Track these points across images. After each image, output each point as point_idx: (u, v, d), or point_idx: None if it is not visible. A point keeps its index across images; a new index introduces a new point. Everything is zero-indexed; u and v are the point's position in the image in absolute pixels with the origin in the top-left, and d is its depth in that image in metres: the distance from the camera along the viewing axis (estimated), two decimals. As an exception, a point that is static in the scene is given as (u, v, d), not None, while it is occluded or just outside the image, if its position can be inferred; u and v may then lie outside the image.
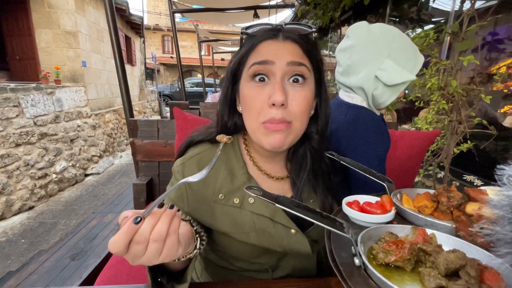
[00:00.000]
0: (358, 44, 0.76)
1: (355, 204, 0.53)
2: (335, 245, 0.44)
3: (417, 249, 0.40)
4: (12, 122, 3.43)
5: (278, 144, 0.53)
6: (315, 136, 0.62)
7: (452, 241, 0.43)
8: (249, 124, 0.57)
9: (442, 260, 0.36)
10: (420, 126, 1.52)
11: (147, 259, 0.36)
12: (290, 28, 0.56)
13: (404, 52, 0.74)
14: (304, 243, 0.60)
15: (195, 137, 0.64)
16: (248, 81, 0.55)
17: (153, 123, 1.47)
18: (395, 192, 0.60)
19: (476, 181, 1.35)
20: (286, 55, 0.52)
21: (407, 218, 0.53)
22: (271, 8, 4.55)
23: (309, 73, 0.55)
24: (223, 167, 0.61)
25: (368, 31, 0.76)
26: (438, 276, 0.36)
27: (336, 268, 0.40)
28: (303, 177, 0.63)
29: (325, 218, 0.43)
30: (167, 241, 0.37)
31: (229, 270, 0.66)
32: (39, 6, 5.03)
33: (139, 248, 0.35)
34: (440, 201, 0.52)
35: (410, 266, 0.39)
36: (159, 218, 0.37)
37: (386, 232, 0.45)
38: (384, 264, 0.40)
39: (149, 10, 19.70)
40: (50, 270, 1.89)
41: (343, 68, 0.81)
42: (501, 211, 0.36)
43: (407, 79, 0.72)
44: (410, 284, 0.38)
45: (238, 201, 0.59)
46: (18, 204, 3.37)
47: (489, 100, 1.28)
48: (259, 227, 0.59)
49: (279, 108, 0.51)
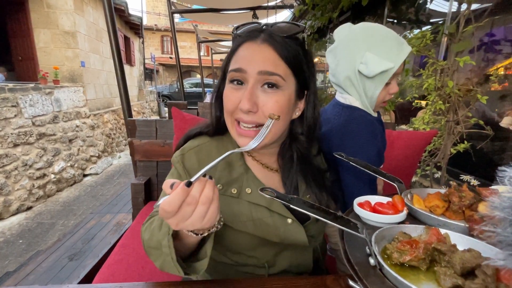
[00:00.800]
0: (341, 43, 0.79)
1: (367, 205, 0.53)
2: (348, 245, 0.45)
3: (432, 248, 0.41)
4: (10, 122, 3.42)
5: (248, 147, 0.55)
6: (301, 137, 0.64)
7: (466, 240, 0.43)
8: (225, 119, 0.61)
9: (458, 259, 0.37)
10: (417, 126, 1.53)
11: (192, 221, 0.40)
12: (274, 29, 0.57)
13: (385, 43, 0.74)
14: (300, 233, 0.61)
15: (193, 130, 0.67)
16: (228, 82, 0.58)
17: (152, 123, 1.47)
18: (405, 192, 0.60)
19: (472, 181, 1.36)
20: (258, 63, 0.54)
21: (419, 218, 0.53)
22: (270, 9, 4.56)
23: (284, 81, 0.55)
24: None
25: (349, 30, 0.79)
26: (454, 275, 0.36)
27: (351, 268, 0.40)
28: (292, 178, 0.64)
29: (339, 219, 0.44)
30: (211, 206, 0.40)
31: (227, 265, 0.67)
32: (38, 6, 5.03)
33: (189, 210, 0.39)
34: (451, 200, 0.52)
35: (425, 265, 0.40)
36: (205, 185, 0.40)
37: (399, 232, 0.45)
38: (399, 264, 0.40)
39: (148, 10, 19.69)
40: (48, 270, 1.88)
41: (332, 69, 0.83)
42: (502, 213, 0.36)
43: (386, 67, 0.72)
44: (426, 283, 0.38)
45: (236, 191, 0.60)
46: (16, 205, 3.36)
47: (485, 100, 1.29)
48: (256, 216, 0.60)
49: (247, 113, 0.54)
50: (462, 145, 1.40)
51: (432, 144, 1.51)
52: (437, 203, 0.53)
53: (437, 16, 2.30)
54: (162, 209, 0.38)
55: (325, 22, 3.30)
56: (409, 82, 1.56)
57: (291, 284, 0.54)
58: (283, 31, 0.57)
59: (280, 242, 0.61)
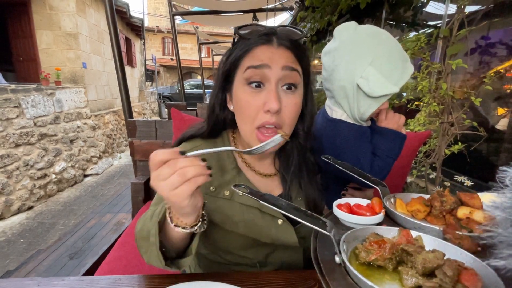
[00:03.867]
0: (342, 47, 0.71)
1: (346, 206, 0.55)
2: (320, 244, 0.46)
3: (400, 249, 0.41)
4: (12, 122, 3.46)
5: (267, 152, 0.58)
6: (301, 133, 0.66)
7: (438, 243, 0.44)
8: (242, 127, 0.60)
9: (420, 260, 0.37)
10: (412, 127, 1.55)
11: (163, 185, 0.40)
12: (283, 32, 0.59)
13: (390, 60, 0.67)
14: (290, 234, 0.63)
15: (187, 133, 0.68)
16: (243, 84, 0.57)
17: (151, 124, 1.50)
18: (388, 196, 0.60)
19: (466, 181, 1.38)
20: (281, 60, 0.55)
21: (397, 221, 0.54)
22: (269, 11, 4.60)
23: (300, 79, 0.59)
24: (213, 162, 0.64)
25: (353, 33, 0.71)
26: (416, 275, 0.36)
27: (317, 265, 0.41)
28: (291, 171, 0.66)
29: (309, 216, 0.45)
30: (184, 184, 0.40)
31: (221, 264, 0.69)
32: (40, 8, 5.08)
33: (166, 171, 0.40)
34: (433, 205, 0.52)
35: (391, 265, 0.40)
36: (191, 164, 0.41)
37: (371, 233, 0.46)
38: (367, 263, 0.41)
39: (150, 12, 19.80)
40: (49, 269, 1.91)
41: (327, 73, 0.76)
42: (503, 213, 0.35)
43: (390, 91, 0.66)
44: (390, 282, 0.38)
45: (228, 193, 0.62)
46: (17, 204, 3.38)
47: (479, 102, 1.31)
48: (248, 217, 0.62)
49: (273, 114, 0.54)
50: (456, 146, 1.43)
51: (427, 145, 1.54)
52: (418, 208, 0.53)
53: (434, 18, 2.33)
54: (153, 155, 0.41)
55: (324, 25, 3.33)
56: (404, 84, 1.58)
57: (282, 277, 0.56)
58: (291, 36, 0.59)
59: (271, 242, 0.63)
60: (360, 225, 0.51)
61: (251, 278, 0.56)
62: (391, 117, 0.78)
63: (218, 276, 0.56)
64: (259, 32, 0.58)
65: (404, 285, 0.36)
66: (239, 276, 0.56)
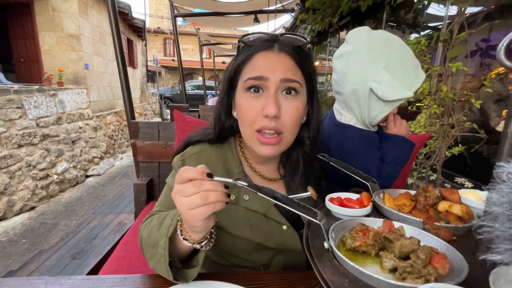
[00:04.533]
0: (356, 51, 0.72)
1: (337, 200, 0.59)
2: (312, 232, 0.50)
3: (383, 237, 0.46)
4: (15, 123, 3.48)
5: (270, 154, 0.59)
6: (307, 142, 0.66)
7: (418, 233, 0.48)
8: (243, 131, 0.61)
9: (398, 245, 0.42)
10: (413, 129, 1.56)
11: (182, 202, 0.42)
12: (286, 39, 0.59)
13: (404, 66, 0.69)
14: (295, 239, 0.64)
15: (194, 137, 0.69)
16: (244, 91, 0.58)
17: (154, 125, 1.51)
18: (378, 191, 0.64)
19: (466, 183, 1.39)
20: (280, 71, 0.55)
21: (384, 214, 0.59)
22: (270, 13, 4.62)
23: (301, 87, 0.59)
24: (220, 166, 0.65)
25: (368, 38, 0.72)
26: (394, 258, 0.41)
27: (307, 250, 0.46)
28: (297, 181, 0.66)
29: (302, 207, 0.48)
30: (202, 207, 0.42)
31: (225, 266, 0.69)
32: (43, 9, 5.12)
33: (189, 189, 0.42)
34: (418, 200, 0.57)
35: (374, 251, 0.45)
36: (215, 189, 0.43)
37: (358, 223, 0.50)
38: (352, 249, 0.46)
39: (151, 13, 19.88)
40: (51, 269, 1.92)
41: (339, 76, 0.77)
42: (500, 208, 0.36)
43: (404, 96, 0.67)
44: (371, 265, 0.43)
45: (234, 198, 0.63)
46: (20, 205, 3.40)
47: (478, 105, 1.32)
48: (253, 222, 0.63)
49: (271, 119, 0.55)
50: (456, 148, 1.43)
51: (428, 147, 1.54)
52: (404, 202, 0.58)
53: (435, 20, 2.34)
54: (182, 170, 0.43)
55: (325, 26, 3.35)
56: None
57: (285, 277, 0.57)
58: (294, 42, 0.60)
59: (275, 247, 0.64)
60: (349, 217, 0.55)
61: (253, 278, 0.57)
62: (400, 123, 0.80)
63: (221, 275, 0.57)
64: (262, 38, 0.59)
65: (384, 267, 0.41)
66: (241, 276, 0.57)
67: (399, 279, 0.38)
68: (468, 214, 0.52)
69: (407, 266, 0.38)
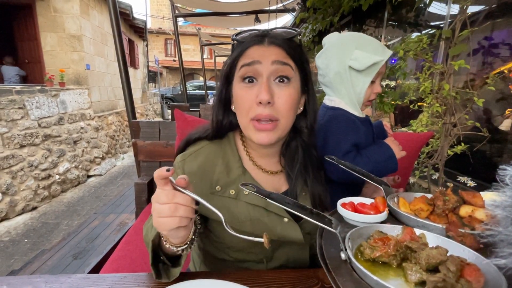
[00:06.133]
0: (331, 46, 0.86)
1: (350, 205, 0.56)
2: (325, 241, 0.47)
3: (404, 246, 0.42)
4: (17, 123, 3.50)
5: (266, 141, 0.59)
6: (305, 130, 0.68)
7: (441, 241, 0.44)
8: (240, 121, 0.63)
9: (424, 256, 0.38)
10: (415, 128, 1.55)
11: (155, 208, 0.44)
12: (275, 33, 0.62)
13: (372, 43, 0.82)
14: (296, 231, 0.64)
15: (193, 135, 0.70)
16: (239, 82, 0.61)
17: (155, 125, 1.51)
18: (392, 195, 0.61)
19: (469, 182, 1.38)
20: (271, 56, 0.58)
21: (401, 220, 0.55)
22: (271, 12, 4.62)
23: (293, 72, 0.60)
24: (219, 161, 0.65)
25: (338, 36, 0.87)
26: (420, 270, 0.37)
27: (323, 261, 0.42)
28: (296, 169, 0.67)
29: (315, 215, 0.46)
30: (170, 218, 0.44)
31: (227, 261, 0.69)
32: (45, 10, 5.15)
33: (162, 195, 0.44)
34: (436, 204, 0.53)
35: (395, 262, 0.41)
36: (184, 202, 0.44)
37: (375, 230, 0.46)
38: (371, 260, 0.42)
39: (153, 14, 19.93)
40: (53, 268, 1.92)
41: (323, 69, 0.89)
42: (504, 212, 0.35)
43: (376, 60, 0.79)
44: (394, 278, 0.39)
45: (234, 193, 0.63)
46: (22, 205, 3.42)
47: (481, 103, 1.31)
48: (254, 216, 0.63)
49: (265, 106, 0.57)
50: (459, 147, 1.42)
51: (430, 146, 1.54)
52: (421, 206, 0.54)
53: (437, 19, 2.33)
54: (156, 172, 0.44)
55: (326, 25, 3.34)
56: (407, 85, 1.59)
57: (285, 275, 0.57)
58: (284, 35, 0.62)
59: (277, 239, 0.64)
60: (364, 223, 0.52)
61: (254, 277, 0.56)
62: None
63: (222, 274, 0.57)
64: (253, 34, 0.62)
65: (409, 280, 0.37)
66: (243, 275, 0.57)
67: None
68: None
69: (438, 280, 0.34)
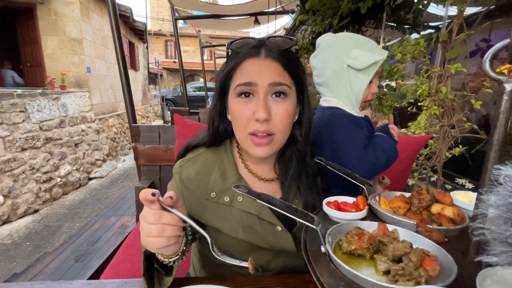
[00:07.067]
0: (327, 45, 0.84)
1: (333, 204, 0.60)
2: (309, 237, 0.52)
3: (377, 240, 0.47)
4: (18, 127, 3.52)
5: (264, 155, 0.60)
6: (300, 139, 0.69)
7: (411, 235, 0.49)
8: (237, 134, 0.63)
9: (391, 248, 0.44)
10: (413, 130, 1.56)
11: (143, 227, 0.45)
12: (272, 43, 0.61)
13: (369, 43, 0.82)
14: (288, 240, 0.64)
15: (192, 142, 0.71)
16: (235, 97, 0.61)
17: (155, 129, 1.52)
18: (373, 194, 0.65)
19: (467, 184, 1.38)
20: (267, 76, 0.57)
21: (380, 217, 0.60)
22: (270, 14, 4.64)
23: (290, 89, 0.60)
24: (215, 168, 0.67)
25: (333, 35, 0.86)
26: (387, 261, 0.43)
27: (305, 253, 0.47)
28: (289, 176, 0.68)
29: (299, 213, 0.50)
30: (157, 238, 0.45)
31: (226, 266, 0.70)
32: (45, 14, 5.18)
33: (149, 215, 0.45)
34: (412, 202, 0.59)
35: (368, 254, 0.46)
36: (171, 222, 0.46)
37: (354, 226, 0.52)
38: (349, 253, 0.47)
39: (152, 16, 20.00)
40: (55, 271, 1.94)
41: (318, 69, 0.86)
42: (497, 211, 0.37)
43: (377, 58, 0.78)
44: (366, 268, 0.45)
45: (228, 199, 0.64)
46: (24, 208, 3.44)
47: (479, 106, 1.32)
48: (247, 223, 0.64)
49: (263, 122, 0.57)
50: (457, 149, 1.43)
51: (428, 148, 1.54)
52: (399, 204, 0.59)
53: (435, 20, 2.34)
54: (142, 194, 0.45)
55: (325, 27, 3.35)
56: (405, 87, 1.60)
57: (282, 280, 0.58)
58: (280, 45, 0.61)
59: (270, 248, 0.65)
60: (345, 220, 0.56)
61: (251, 282, 0.57)
62: None
63: (218, 279, 0.58)
64: (249, 45, 0.61)
65: (378, 269, 0.43)
66: (239, 279, 0.58)
67: (391, 282, 0.39)
68: (459, 216, 0.54)
69: (399, 269, 0.39)
